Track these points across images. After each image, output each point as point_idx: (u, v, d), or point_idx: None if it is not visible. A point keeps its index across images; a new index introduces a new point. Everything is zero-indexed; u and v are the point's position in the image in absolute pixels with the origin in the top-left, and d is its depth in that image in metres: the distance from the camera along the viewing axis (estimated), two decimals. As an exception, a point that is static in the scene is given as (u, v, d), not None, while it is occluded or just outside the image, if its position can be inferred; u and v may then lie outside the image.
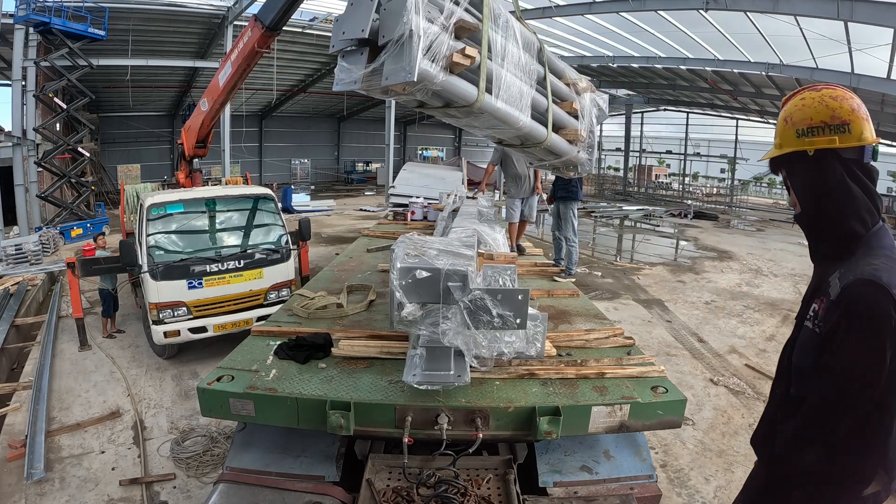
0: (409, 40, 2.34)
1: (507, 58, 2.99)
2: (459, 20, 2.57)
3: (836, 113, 1.35)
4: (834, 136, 1.35)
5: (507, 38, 3.04)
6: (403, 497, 2.29)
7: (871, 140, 1.35)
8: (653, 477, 2.55)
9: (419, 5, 2.38)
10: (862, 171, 1.36)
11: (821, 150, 1.37)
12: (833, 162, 1.36)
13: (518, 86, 3.09)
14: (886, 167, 33.28)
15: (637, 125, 30.55)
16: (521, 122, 3.15)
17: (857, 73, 12.92)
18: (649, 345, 6.78)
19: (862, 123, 1.36)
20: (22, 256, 11.06)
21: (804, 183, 1.43)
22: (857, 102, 1.39)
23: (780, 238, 16.76)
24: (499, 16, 2.97)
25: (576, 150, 3.99)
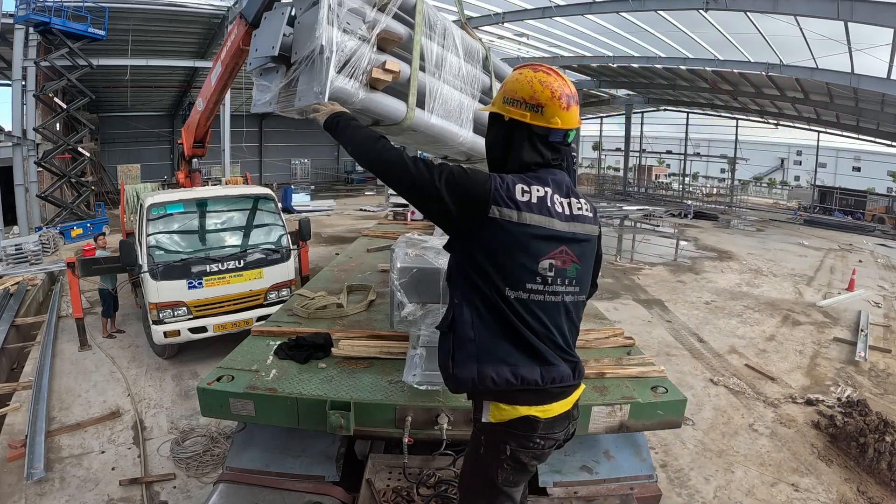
0: (320, 57, 2.17)
1: (445, 68, 2.80)
2: (384, 31, 2.39)
3: (535, 94, 1.62)
4: (527, 112, 1.63)
5: (445, 47, 2.85)
6: (403, 497, 2.29)
7: (560, 125, 1.63)
8: (653, 477, 2.55)
9: (335, 17, 2.21)
10: (545, 144, 1.67)
11: (514, 119, 1.65)
12: (522, 130, 1.66)
13: (457, 98, 2.89)
14: (886, 167, 33.38)
15: (637, 125, 30.52)
16: (460, 137, 2.97)
17: (857, 74, 12.92)
18: (649, 345, 6.78)
19: (555, 110, 1.62)
20: (22, 256, 11.05)
21: (494, 136, 1.74)
22: (561, 91, 1.63)
23: (780, 238, 16.76)
24: (435, 23, 2.78)
25: None
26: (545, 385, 1.61)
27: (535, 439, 1.63)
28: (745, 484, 4.04)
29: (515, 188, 1.58)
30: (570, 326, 1.70)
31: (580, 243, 1.67)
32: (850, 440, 4.53)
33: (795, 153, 41.28)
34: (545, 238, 1.59)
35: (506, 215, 1.55)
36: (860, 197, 25.47)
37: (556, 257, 1.61)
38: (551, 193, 1.62)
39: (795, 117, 23.89)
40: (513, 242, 1.57)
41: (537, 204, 1.58)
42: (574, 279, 1.66)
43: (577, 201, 1.69)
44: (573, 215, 1.66)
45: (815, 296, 9.69)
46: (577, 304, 1.71)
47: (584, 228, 1.69)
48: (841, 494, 3.94)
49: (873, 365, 6.50)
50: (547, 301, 1.61)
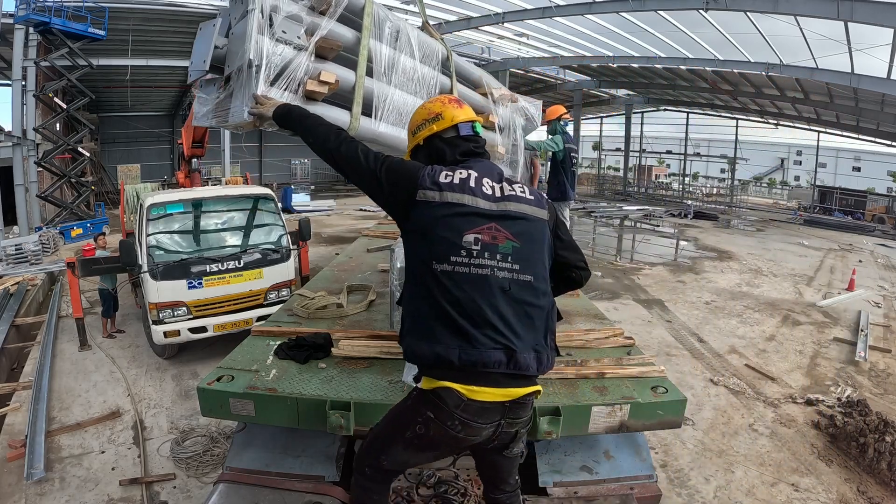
0: (249, 70, 2.10)
1: (398, 72, 2.72)
2: (322, 38, 2.30)
3: (430, 110, 1.92)
4: (432, 125, 1.90)
5: (399, 49, 2.75)
6: (403, 497, 2.29)
7: (462, 118, 1.90)
8: (653, 477, 2.54)
9: (266, 26, 2.12)
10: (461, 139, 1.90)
11: (426, 137, 1.92)
12: (437, 140, 1.91)
13: (412, 103, 2.78)
14: (886, 167, 33.38)
15: (637, 125, 30.53)
16: None
17: (857, 74, 12.91)
18: (649, 345, 6.78)
19: (451, 111, 1.90)
20: (22, 256, 11.06)
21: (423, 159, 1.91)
22: (448, 98, 1.97)
23: (780, 238, 16.76)
24: (385, 25, 2.68)
25: None
26: (461, 365, 1.64)
27: (454, 416, 1.65)
28: (745, 484, 4.04)
29: (440, 174, 1.76)
30: (515, 310, 1.69)
31: (515, 220, 1.75)
32: (850, 440, 4.52)
33: (795, 153, 41.31)
34: (468, 214, 1.71)
35: (429, 196, 1.72)
36: (860, 197, 25.48)
37: (483, 232, 1.70)
38: (477, 176, 1.77)
39: (795, 117, 23.89)
40: (437, 219, 1.71)
41: (459, 185, 1.74)
42: (510, 256, 1.71)
43: (510, 186, 1.81)
44: (504, 196, 1.78)
45: (815, 296, 9.69)
46: (521, 284, 1.71)
47: (521, 207, 1.77)
48: (841, 494, 3.94)
49: (873, 365, 6.50)
50: (473, 274, 1.67)
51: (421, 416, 1.69)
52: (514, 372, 1.67)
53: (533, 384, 1.74)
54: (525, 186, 1.84)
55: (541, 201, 1.84)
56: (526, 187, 1.84)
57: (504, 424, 1.72)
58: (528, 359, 1.69)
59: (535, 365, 1.71)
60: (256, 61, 2.11)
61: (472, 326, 1.65)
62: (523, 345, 1.69)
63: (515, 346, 1.67)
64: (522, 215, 1.77)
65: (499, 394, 1.67)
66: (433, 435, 1.69)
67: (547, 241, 1.83)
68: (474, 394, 1.65)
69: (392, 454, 1.80)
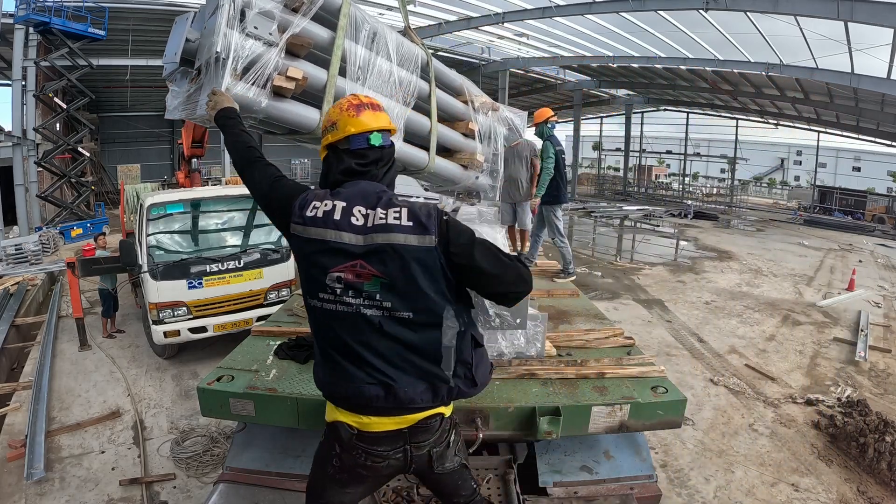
0: (217, 63, 2.12)
1: (373, 74, 2.68)
2: (294, 36, 2.30)
3: (329, 118, 1.77)
4: (328, 135, 1.75)
5: (375, 51, 2.73)
6: (403, 497, 2.29)
7: (353, 131, 1.71)
8: (653, 477, 2.54)
9: (236, 21, 2.13)
10: (350, 154, 1.73)
11: (326, 146, 1.78)
12: (331, 152, 1.77)
13: (385, 105, 2.66)
14: (886, 167, 33.41)
15: (637, 125, 30.54)
16: None
17: (857, 74, 12.92)
18: (649, 345, 6.77)
19: (346, 120, 1.71)
20: (22, 256, 11.06)
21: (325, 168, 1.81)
22: (348, 104, 1.74)
23: (780, 238, 16.76)
24: (362, 26, 2.66)
25: (473, 175, 3.62)
26: (335, 397, 1.67)
27: (354, 447, 1.65)
28: (745, 484, 4.04)
29: (309, 206, 1.63)
30: (391, 346, 1.60)
31: (384, 254, 1.57)
32: (850, 440, 4.52)
33: (795, 153, 41.33)
34: (330, 252, 1.59)
35: (297, 230, 1.64)
36: (860, 197, 25.49)
37: (347, 271, 1.57)
38: (345, 206, 1.61)
39: (795, 117, 23.90)
40: (303, 255, 1.65)
41: (322, 219, 1.60)
42: (378, 294, 1.58)
43: (384, 211, 1.60)
44: (374, 226, 1.59)
45: (815, 296, 9.69)
46: (395, 321, 1.59)
47: (392, 238, 1.57)
48: (841, 494, 3.94)
49: (873, 365, 6.50)
50: (339, 311, 1.60)
51: (333, 451, 1.69)
52: (396, 406, 1.62)
53: (429, 409, 1.67)
54: (406, 209, 1.61)
55: (425, 226, 1.59)
56: (404, 209, 1.61)
57: (412, 449, 1.67)
58: (413, 392, 1.62)
59: (427, 396, 1.64)
60: (224, 55, 2.11)
61: (347, 361, 1.62)
62: (406, 379, 1.61)
63: (394, 381, 1.60)
64: (392, 247, 1.57)
65: (389, 422, 1.63)
66: (349, 467, 1.67)
67: (436, 269, 1.60)
68: (364, 425, 1.63)
69: (329, 496, 1.74)
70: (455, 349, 1.66)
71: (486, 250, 1.67)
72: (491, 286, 1.70)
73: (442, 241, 1.60)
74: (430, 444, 1.69)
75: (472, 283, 1.70)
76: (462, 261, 1.63)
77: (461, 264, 1.63)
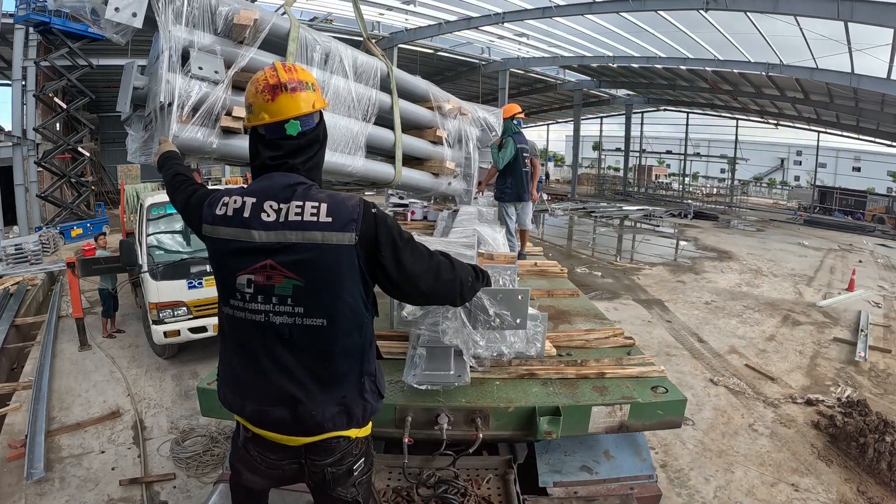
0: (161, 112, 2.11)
1: (328, 96, 2.64)
2: (239, 72, 2.27)
3: (247, 96, 1.54)
4: (247, 114, 1.56)
5: (330, 71, 2.69)
6: (403, 497, 2.29)
7: (267, 119, 1.50)
8: (653, 477, 2.54)
9: (178, 63, 2.11)
10: (265, 144, 1.54)
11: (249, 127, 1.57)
12: (252, 134, 1.57)
13: (344, 126, 2.73)
14: (886, 167, 33.41)
15: (637, 125, 30.56)
16: (349, 167, 2.79)
17: (857, 74, 12.93)
18: (649, 345, 6.78)
19: (261, 105, 1.49)
20: (22, 256, 11.06)
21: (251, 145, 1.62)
22: (264, 84, 1.49)
23: (780, 238, 16.77)
24: (313, 48, 2.62)
25: (444, 182, 3.58)
26: (240, 415, 1.58)
27: (249, 449, 1.60)
28: (745, 484, 4.04)
29: (218, 204, 1.52)
30: (302, 359, 1.48)
31: (297, 253, 1.43)
32: (850, 440, 4.53)
33: (795, 153, 41.34)
34: (240, 252, 1.46)
35: (208, 231, 1.54)
36: (860, 197, 25.51)
37: (257, 272, 1.44)
38: (255, 202, 1.46)
39: (795, 117, 23.91)
40: (216, 258, 1.56)
41: (231, 216, 1.48)
42: (289, 298, 1.44)
43: (300, 204, 1.45)
44: (287, 222, 1.43)
45: (815, 296, 9.69)
46: (306, 329, 1.46)
47: (307, 235, 1.43)
48: (841, 494, 3.94)
49: (873, 365, 6.50)
50: (248, 319, 1.47)
51: (239, 442, 1.65)
52: (302, 431, 1.51)
53: (332, 431, 1.52)
54: (325, 204, 1.46)
55: (345, 222, 1.44)
56: (323, 205, 1.45)
57: (308, 464, 1.55)
58: (323, 416, 1.49)
59: (341, 420, 1.52)
60: (167, 101, 2.09)
61: (252, 379, 1.50)
62: (316, 400, 1.48)
63: (302, 402, 1.47)
64: (307, 245, 1.43)
65: (283, 438, 1.53)
66: (251, 460, 1.62)
67: (356, 271, 1.47)
68: (260, 432, 1.55)
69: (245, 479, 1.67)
70: (365, 359, 1.57)
71: (419, 253, 1.55)
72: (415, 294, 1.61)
73: (365, 240, 1.45)
74: (326, 464, 1.55)
75: (395, 288, 1.59)
76: (389, 263, 1.49)
77: (386, 266, 1.49)
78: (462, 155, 3.71)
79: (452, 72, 23.12)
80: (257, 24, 2.36)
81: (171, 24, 2.16)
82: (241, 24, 2.30)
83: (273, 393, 1.48)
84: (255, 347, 1.49)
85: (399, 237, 1.51)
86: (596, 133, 36.37)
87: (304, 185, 1.51)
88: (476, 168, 3.96)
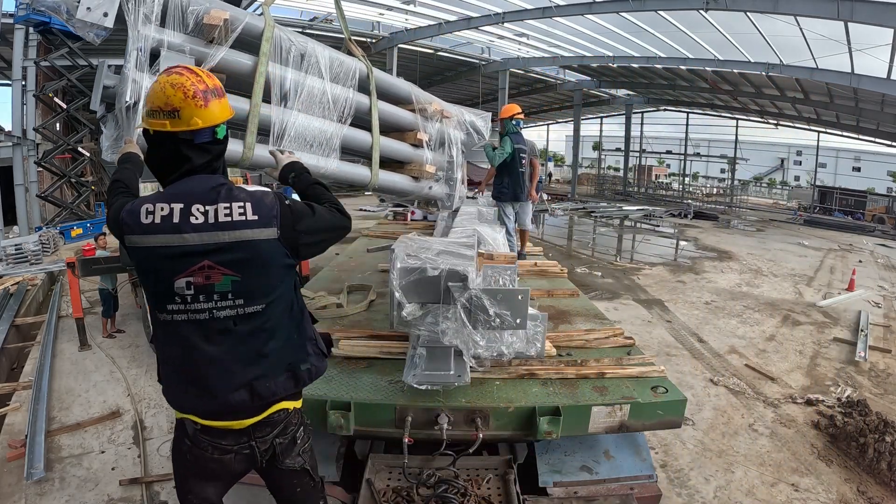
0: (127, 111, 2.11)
1: (302, 97, 2.62)
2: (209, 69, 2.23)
3: (168, 100, 1.52)
4: (166, 120, 1.53)
5: (306, 71, 2.67)
6: (403, 497, 2.29)
7: (201, 125, 1.54)
8: (653, 477, 2.55)
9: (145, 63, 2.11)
10: (192, 148, 1.57)
11: (158, 131, 1.56)
12: (167, 140, 1.56)
13: (318, 127, 2.69)
14: (886, 167, 33.41)
15: (637, 125, 30.56)
16: (322, 168, 2.77)
17: (858, 74, 12.93)
18: (649, 345, 6.77)
19: (193, 110, 1.52)
20: (22, 256, 11.05)
21: (148, 152, 1.64)
22: (195, 90, 1.52)
23: (780, 238, 16.76)
24: (288, 49, 2.60)
25: (425, 185, 3.52)
26: (197, 413, 1.64)
27: (199, 441, 1.66)
28: (745, 484, 4.04)
29: (141, 211, 1.54)
30: (249, 343, 1.61)
31: (232, 251, 1.55)
32: (850, 440, 4.52)
33: (795, 153, 41.35)
34: (175, 257, 1.53)
35: (135, 241, 1.55)
36: (860, 197, 25.52)
37: (195, 274, 1.53)
38: (183, 207, 1.53)
39: (795, 117, 23.91)
40: (147, 267, 1.58)
41: (161, 224, 1.52)
42: (230, 292, 1.56)
43: (227, 206, 1.55)
44: (217, 223, 1.54)
45: (815, 296, 9.69)
46: (249, 316, 1.60)
47: (237, 235, 1.55)
48: (841, 494, 3.94)
49: (873, 365, 6.50)
50: (191, 320, 1.56)
51: (184, 446, 1.70)
52: (260, 405, 1.65)
53: (289, 400, 1.71)
54: (248, 203, 1.58)
55: (268, 218, 1.58)
56: (248, 204, 1.57)
57: (258, 442, 1.69)
58: (275, 385, 1.65)
59: (290, 385, 1.69)
60: (133, 100, 2.09)
61: (207, 375, 1.59)
62: (268, 374, 1.64)
63: (257, 379, 1.62)
64: (240, 243, 1.55)
65: (233, 423, 1.65)
66: (201, 462, 1.68)
67: (283, 256, 1.63)
68: (207, 422, 1.64)
69: (196, 490, 1.73)
70: (302, 327, 1.74)
71: (329, 213, 1.75)
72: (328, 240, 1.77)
73: (286, 230, 1.61)
74: (273, 436, 1.71)
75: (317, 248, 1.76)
76: (311, 239, 1.68)
77: (309, 242, 1.69)
78: (444, 159, 3.63)
79: (452, 72, 23.12)
80: (228, 23, 2.34)
81: (140, 24, 2.15)
82: (210, 23, 2.28)
83: (230, 380, 1.60)
84: (202, 344, 1.58)
85: (309, 216, 1.68)
86: (596, 133, 36.39)
87: (226, 185, 1.61)
88: (460, 172, 3.85)
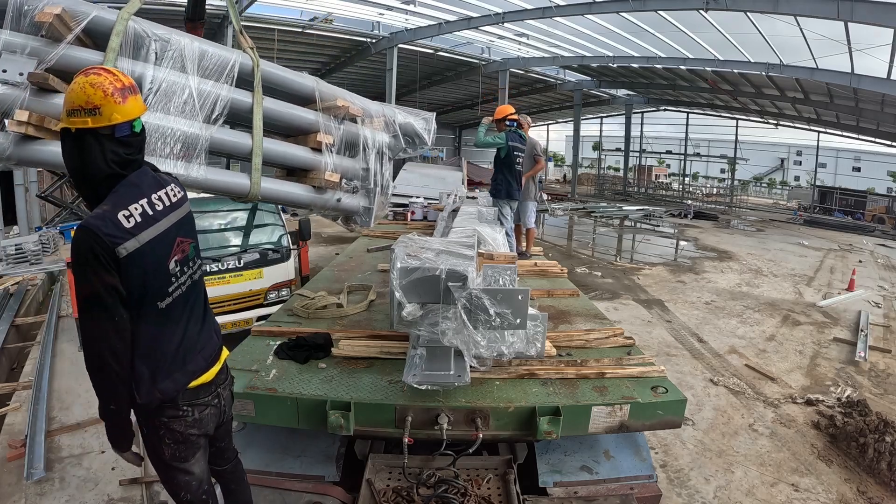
0: None
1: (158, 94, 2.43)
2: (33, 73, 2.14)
3: (89, 99, 1.62)
4: (87, 118, 1.62)
5: (168, 66, 2.48)
6: (403, 497, 2.29)
7: (120, 120, 1.66)
8: (653, 477, 2.55)
9: None
10: (115, 142, 1.68)
11: (80, 129, 1.64)
12: (90, 137, 1.65)
13: (183, 130, 2.48)
14: (886, 167, 33.43)
15: (637, 125, 30.56)
16: (183, 176, 2.53)
17: (857, 74, 12.93)
18: (649, 345, 6.77)
19: (112, 107, 1.64)
20: (22, 256, 11.04)
21: (70, 152, 1.69)
22: (112, 88, 1.63)
23: (780, 238, 16.76)
24: (142, 43, 2.44)
25: (331, 197, 3.05)
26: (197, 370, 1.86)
27: (178, 409, 1.83)
28: (745, 484, 4.04)
29: (118, 219, 1.65)
30: (203, 294, 1.97)
31: (185, 224, 1.88)
32: (850, 440, 4.52)
33: (795, 153, 41.38)
34: (162, 242, 1.76)
35: (130, 247, 1.66)
36: (860, 197, 25.51)
37: (176, 252, 1.81)
38: (147, 200, 1.74)
39: (795, 117, 23.92)
40: (146, 264, 1.72)
41: (143, 221, 1.71)
42: (194, 256, 1.90)
43: (170, 188, 1.84)
44: (172, 204, 1.83)
45: (815, 296, 9.69)
46: (202, 273, 1.98)
47: (181, 211, 1.87)
48: (841, 494, 3.94)
49: (873, 365, 6.50)
50: (185, 291, 1.84)
51: (160, 432, 1.85)
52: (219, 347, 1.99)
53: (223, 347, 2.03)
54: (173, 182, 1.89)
55: (182, 192, 1.92)
56: (174, 183, 1.88)
57: (221, 392, 1.97)
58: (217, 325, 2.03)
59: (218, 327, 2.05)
60: None
61: (199, 327, 1.90)
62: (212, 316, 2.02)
63: (214, 321, 2.01)
64: (187, 216, 1.90)
65: (209, 374, 1.91)
66: (180, 438, 1.85)
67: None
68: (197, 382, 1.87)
69: (186, 470, 1.91)
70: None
71: None
72: None
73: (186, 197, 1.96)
74: (228, 383, 2.04)
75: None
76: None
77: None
78: (359, 165, 3.14)
79: (452, 72, 23.12)
80: (62, 19, 2.20)
81: None
82: (41, 20, 2.16)
83: (209, 331, 1.96)
84: (188, 310, 1.87)
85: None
86: (596, 133, 36.38)
87: (157, 172, 1.87)
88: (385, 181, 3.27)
